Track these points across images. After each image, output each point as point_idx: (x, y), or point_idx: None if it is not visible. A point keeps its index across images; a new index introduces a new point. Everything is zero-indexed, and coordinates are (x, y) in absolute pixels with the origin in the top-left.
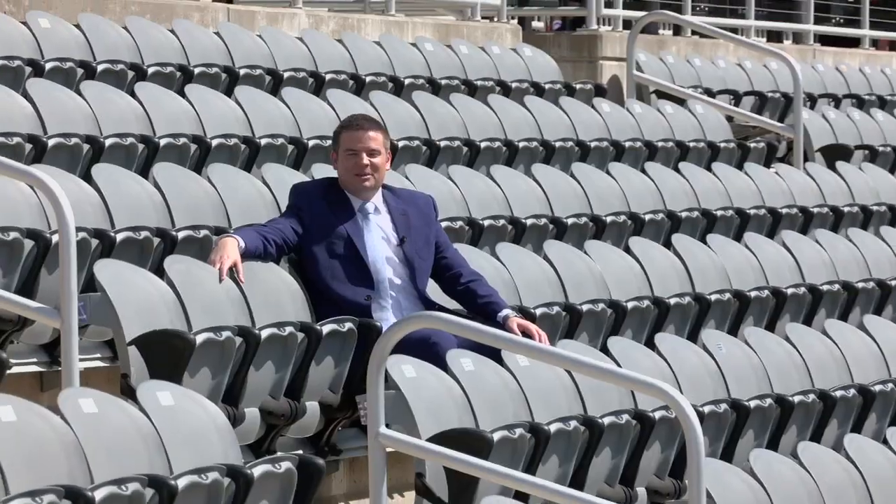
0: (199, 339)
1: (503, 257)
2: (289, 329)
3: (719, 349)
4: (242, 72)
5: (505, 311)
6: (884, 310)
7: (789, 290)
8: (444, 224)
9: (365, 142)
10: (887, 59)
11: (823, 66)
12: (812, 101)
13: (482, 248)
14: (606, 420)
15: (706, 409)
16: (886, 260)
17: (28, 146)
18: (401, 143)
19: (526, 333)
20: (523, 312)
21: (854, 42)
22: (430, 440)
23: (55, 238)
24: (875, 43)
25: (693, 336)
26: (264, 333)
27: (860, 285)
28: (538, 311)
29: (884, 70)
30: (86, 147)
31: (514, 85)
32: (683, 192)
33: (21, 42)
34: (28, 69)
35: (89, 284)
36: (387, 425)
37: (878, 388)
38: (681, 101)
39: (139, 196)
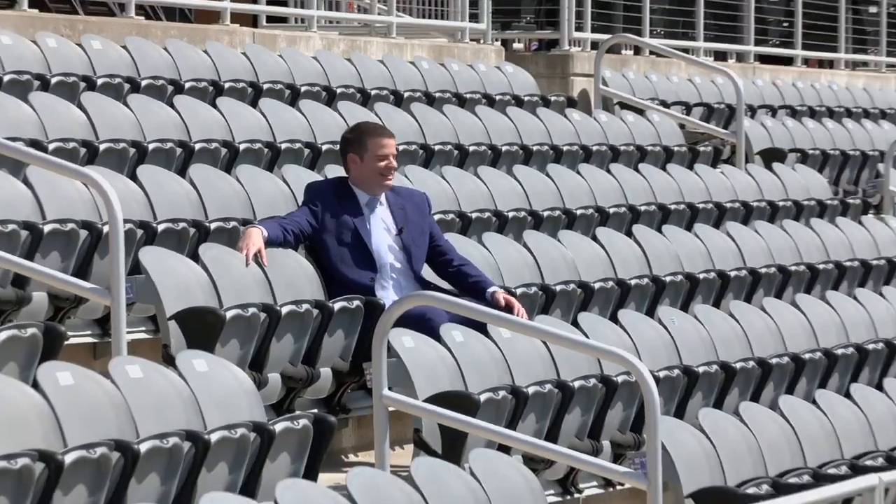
0: (229, 314)
1: (488, 245)
2: (305, 306)
3: (673, 323)
4: (266, 86)
5: (492, 288)
6: (813, 289)
7: (732, 273)
8: (437, 216)
9: (391, 148)
10: (816, 76)
11: (762, 82)
12: (752, 111)
13: (470, 237)
14: (576, 384)
15: (661, 374)
16: (815, 247)
17: (83, 150)
18: (401, 148)
19: (509, 306)
20: (506, 291)
21: (788, 61)
22: (426, 401)
23: (106, 228)
24: (806, 61)
25: (650, 312)
26: (284, 310)
27: (793, 268)
28: (518, 291)
29: (813, 84)
30: (132, 151)
31: (497, 97)
32: (643, 189)
33: (77, 61)
34: (83, 84)
35: (135, 268)
36: (389, 388)
37: (807, 356)
38: (640, 112)
39: (177, 193)
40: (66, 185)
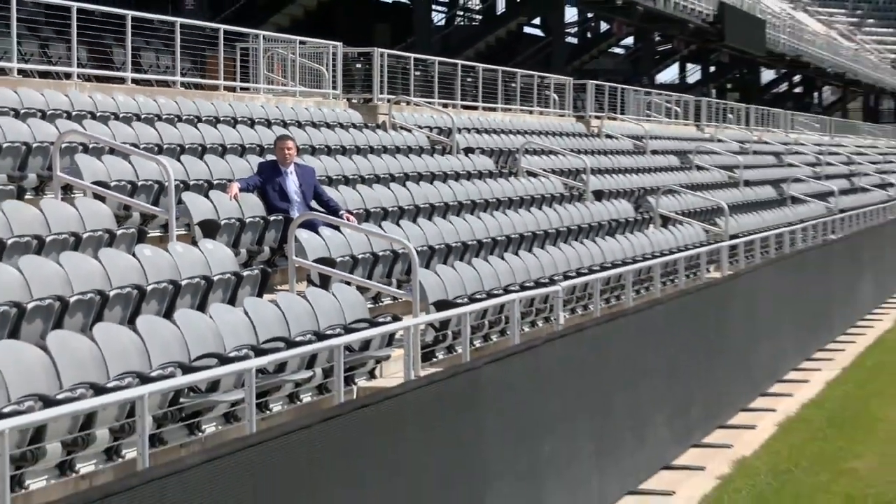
0: (223, 222)
1: (335, 193)
2: (258, 218)
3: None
4: (240, 119)
5: (342, 210)
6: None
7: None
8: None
9: (287, 145)
10: (488, 114)
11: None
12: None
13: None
14: (380, 253)
15: (419, 248)
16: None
17: (155, 147)
18: (301, 146)
19: (348, 217)
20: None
21: (475, 107)
22: (313, 261)
23: (167, 184)
24: (505, 109)
25: (415, 221)
26: (248, 220)
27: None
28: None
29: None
30: (178, 148)
31: (345, 124)
32: (349, 167)
33: (153, 107)
34: (155, 117)
35: (180, 201)
36: (294, 256)
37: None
38: (409, 130)
39: (201, 169)
40: (146, 164)
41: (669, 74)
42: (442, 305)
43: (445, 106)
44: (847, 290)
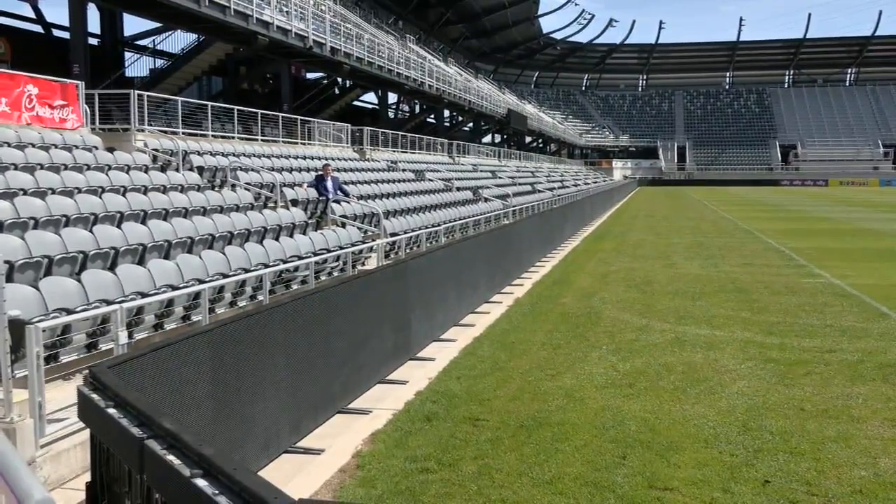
0: (300, 200)
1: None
2: (316, 199)
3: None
4: (307, 156)
5: (351, 195)
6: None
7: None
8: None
9: (328, 167)
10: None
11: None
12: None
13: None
14: (366, 212)
15: (375, 211)
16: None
17: (271, 168)
18: (333, 167)
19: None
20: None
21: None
22: (339, 216)
23: (275, 183)
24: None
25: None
26: (311, 199)
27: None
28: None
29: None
30: (281, 168)
31: (350, 158)
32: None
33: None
34: (271, 156)
35: (281, 191)
36: (331, 213)
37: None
38: (378, 161)
39: (290, 177)
40: (267, 174)
41: (488, 138)
42: (392, 235)
43: (394, 150)
44: (556, 232)
